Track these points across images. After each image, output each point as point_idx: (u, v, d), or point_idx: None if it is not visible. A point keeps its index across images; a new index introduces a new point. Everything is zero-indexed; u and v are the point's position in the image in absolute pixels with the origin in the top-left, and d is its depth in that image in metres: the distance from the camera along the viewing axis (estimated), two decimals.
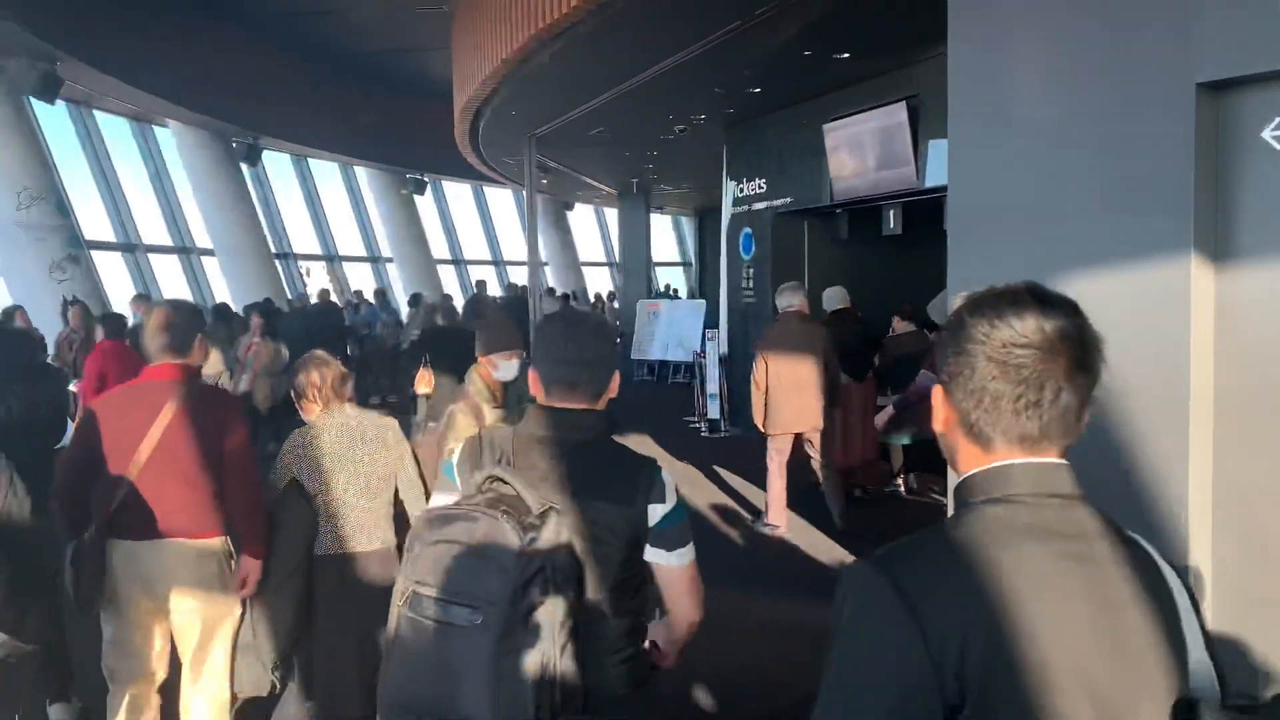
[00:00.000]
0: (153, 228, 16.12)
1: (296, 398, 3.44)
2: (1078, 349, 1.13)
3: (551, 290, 20.17)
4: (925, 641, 1.03)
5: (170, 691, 3.42)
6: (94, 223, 14.30)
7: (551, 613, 1.67)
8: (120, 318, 7.53)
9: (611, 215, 27.27)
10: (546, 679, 1.66)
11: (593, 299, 23.85)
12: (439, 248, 23.96)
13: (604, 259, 28.84)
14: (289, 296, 16.68)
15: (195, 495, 3.15)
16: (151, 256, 15.71)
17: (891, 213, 9.15)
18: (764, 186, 10.39)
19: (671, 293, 23.97)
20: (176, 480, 3.12)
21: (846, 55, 7.80)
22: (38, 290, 10.74)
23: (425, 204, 23.16)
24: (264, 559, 3.24)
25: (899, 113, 8.09)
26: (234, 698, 3.43)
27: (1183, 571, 1.21)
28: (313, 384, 3.37)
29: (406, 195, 22.02)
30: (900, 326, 7.86)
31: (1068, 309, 1.15)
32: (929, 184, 8.00)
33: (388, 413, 3.67)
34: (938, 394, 1.21)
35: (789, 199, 10.05)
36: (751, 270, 10.71)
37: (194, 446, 3.14)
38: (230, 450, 3.20)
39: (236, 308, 11.89)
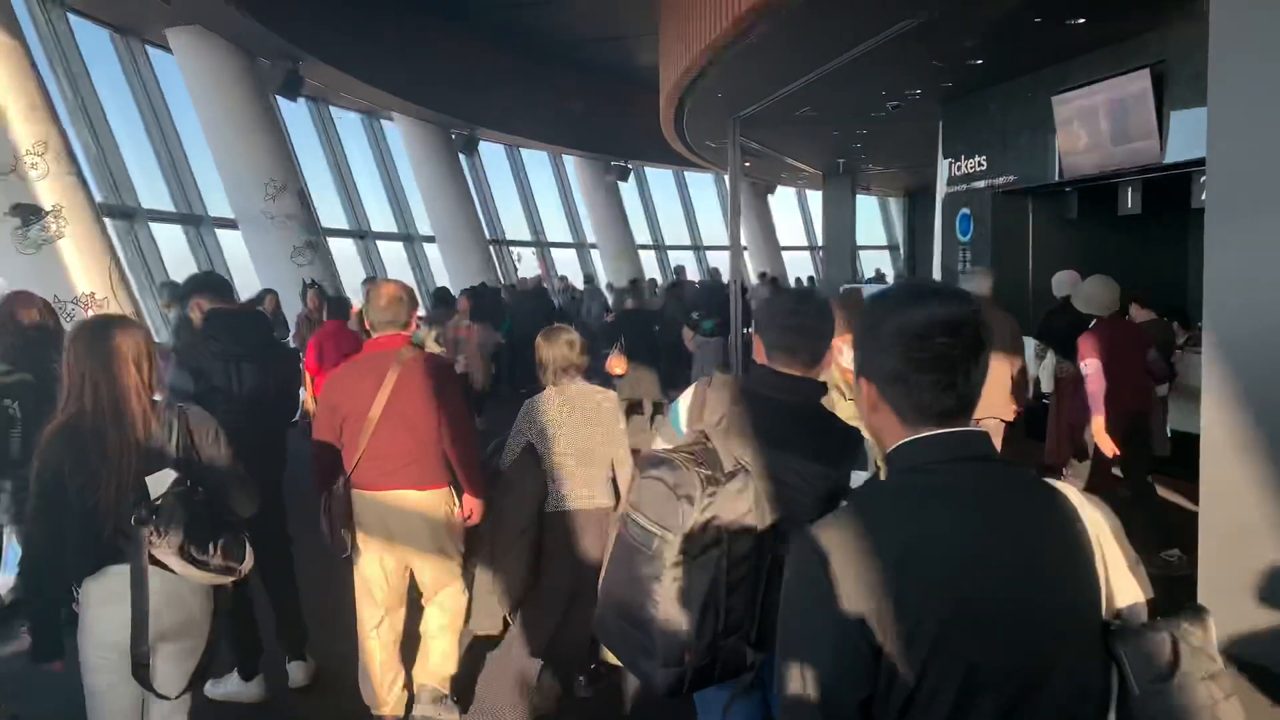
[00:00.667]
0: (379, 216, 17.27)
1: (539, 369, 3.74)
2: (978, 334, 1.28)
3: (763, 274, 20.04)
4: (840, 594, 1.18)
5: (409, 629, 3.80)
6: (329, 212, 15.47)
7: (720, 554, 1.96)
8: (343, 301, 8.32)
9: (814, 198, 26.76)
10: (710, 609, 1.95)
11: (793, 285, 23.45)
12: (641, 233, 24.33)
13: (804, 243, 28.34)
14: (502, 281, 17.38)
15: (421, 450, 3.49)
16: (379, 244, 16.80)
17: (1129, 191, 8.41)
18: (984, 164, 9.80)
19: (880, 277, 23.20)
20: (404, 437, 3.45)
21: (1082, 20, 7.19)
22: (281, 274, 11.69)
23: (628, 190, 23.57)
24: (485, 504, 3.61)
25: (1141, 81, 7.39)
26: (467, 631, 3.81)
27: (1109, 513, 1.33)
28: (551, 358, 3.66)
29: (611, 182, 22.45)
30: (1139, 315, 7.18)
31: (963, 299, 1.30)
32: (1173, 159, 7.27)
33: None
34: (863, 382, 1.36)
35: (1012, 177, 9.43)
36: (969, 253, 10.15)
37: (417, 406, 3.47)
38: (447, 409, 3.53)
39: (455, 292, 12.50)
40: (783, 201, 27.32)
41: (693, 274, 21.93)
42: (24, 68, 6.15)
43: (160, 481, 2.53)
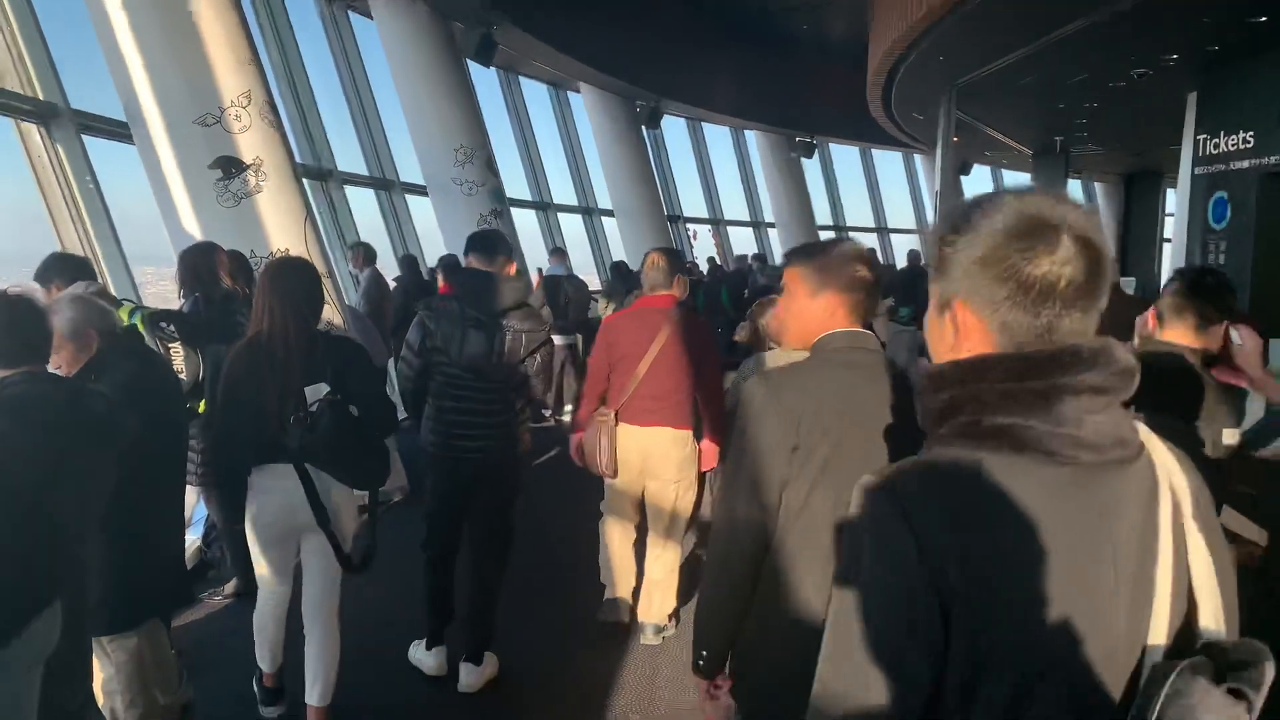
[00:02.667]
0: (560, 188, 17.11)
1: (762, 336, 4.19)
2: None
3: None
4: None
5: None
6: (512, 182, 15.39)
7: None
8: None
9: (1012, 179, 24.95)
10: None
11: None
12: (821, 213, 23.34)
13: None
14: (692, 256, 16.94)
15: (679, 396, 4.10)
16: (560, 215, 16.65)
17: None
18: (1250, 141, 8.48)
19: None
20: (666, 383, 4.06)
21: None
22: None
23: (810, 168, 22.61)
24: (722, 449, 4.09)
25: None
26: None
27: None
28: (767, 324, 4.07)
29: (794, 159, 21.57)
30: None
31: None
32: None
33: None
34: None
35: None
36: (1223, 243, 8.85)
37: (680, 357, 4.06)
38: (704, 363, 4.12)
39: (633, 266, 12.10)
40: (976, 182, 25.70)
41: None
42: (235, 22, 6.04)
43: (315, 392, 3.17)
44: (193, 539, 5.08)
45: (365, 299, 8.12)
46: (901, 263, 20.55)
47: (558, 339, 9.47)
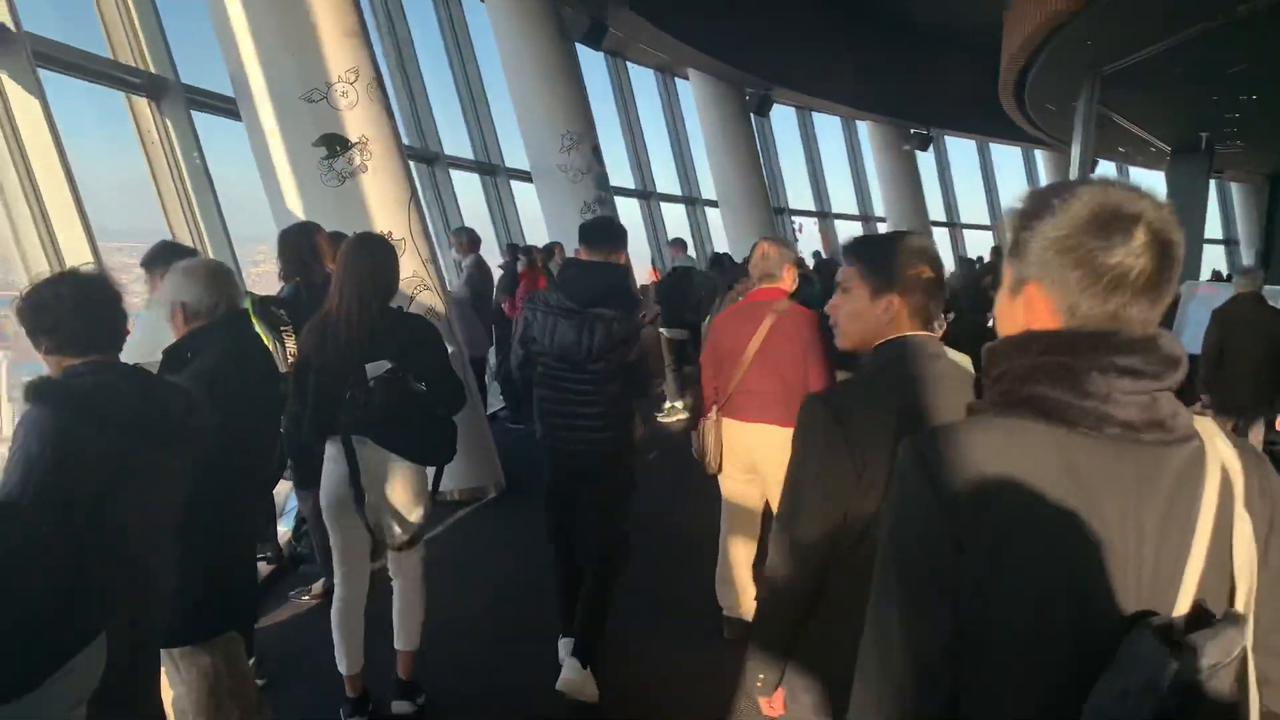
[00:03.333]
0: (664, 176, 16.72)
1: None
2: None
3: None
4: None
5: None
6: (616, 170, 15.09)
7: None
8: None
9: (1141, 178, 23.55)
10: None
11: None
12: (935, 209, 22.43)
13: None
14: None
15: (786, 392, 3.75)
16: (662, 205, 16.27)
17: None
18: None
19: (1215, 276, 19.95)
20: (771, 377, 3.83)
21: None
22: (571, 228, 11.31)
23: (924, 162, 21.72)
24: None
25: None
26: None
27: None
28: None
29: (909, 151, 20.72)
30: None
31: None
32: None
33: None
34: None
35: None
36: None
37: (786, 351, 3.83)
38: (813, 358, 3.82)
39: (737, 259, 11.67)
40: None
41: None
42: None
43: (376, 369, 3.18)
44: (283, 530, 4.88)
45: (469, 285, 7.90)
46: None
47: (667, 332, 9.11)
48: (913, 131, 20.38)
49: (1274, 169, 17.74)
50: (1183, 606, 1.09)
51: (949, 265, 19.69)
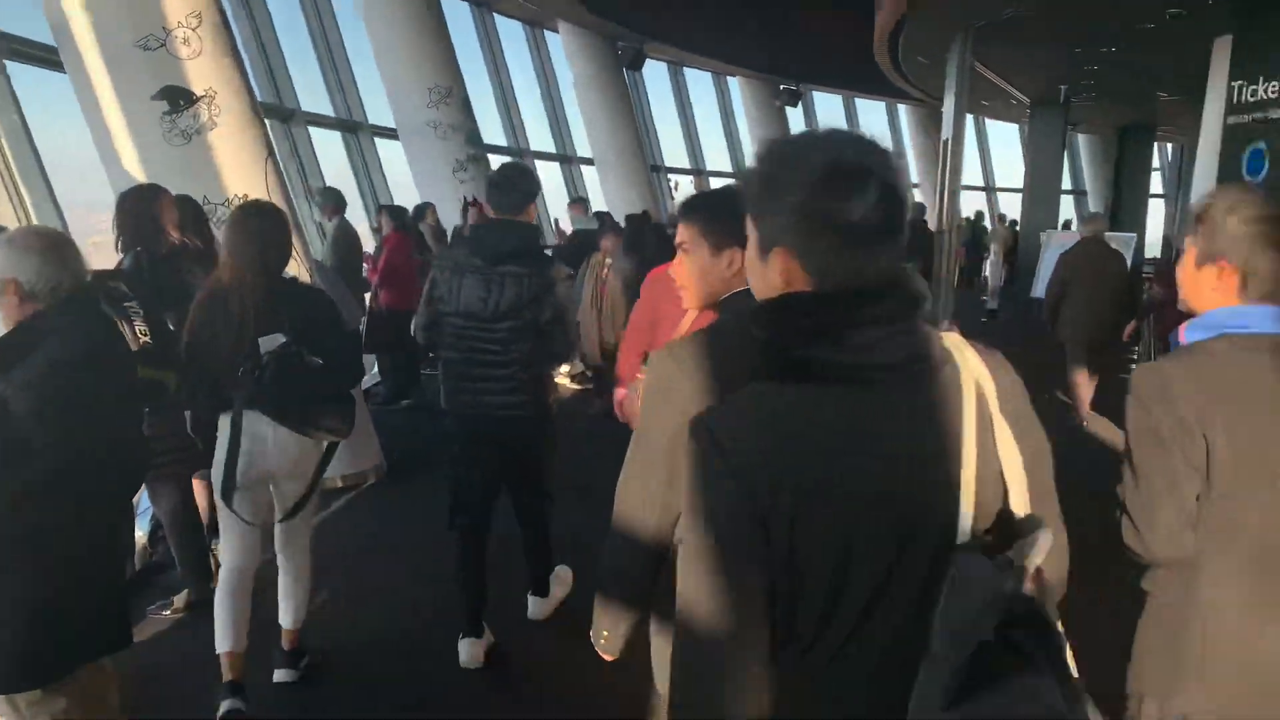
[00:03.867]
0: (537, 134, 16.20)
1: None
2: None
3: (1002, 217, 18.30)
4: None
5: None
6: (487, 128, 14.50)
7: None
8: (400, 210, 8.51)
9: (998, 131, 24.40)
10: None
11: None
12: None
13: (980, 183, 26.03)
14: (663, 209, 16.20)
15: None
16: (537, 163, 15.77)
17: None
18: None
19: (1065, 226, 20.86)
20: None
21: None
22: (442, 188, 10.76)
23: (794, 118, 21.82)
24: None
25: None
26: None
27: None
28: None
29: (779, 108, 20.76)
30: None
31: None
32: None
33: None
34: None
35: None
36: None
37: None
38: None
39: (617, 218, 11.37)
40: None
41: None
42: None
43: (270, 343, 3.08)
44: (139, 535, 4.37)
45: (333, 250, 7.33)
46: None
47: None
48: (782, 88, 20.41)
49: (1124, 122, 18.56)
50: (966, 516, 1.15)
51: None
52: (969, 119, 21.27)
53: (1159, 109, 16.35)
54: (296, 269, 5.44)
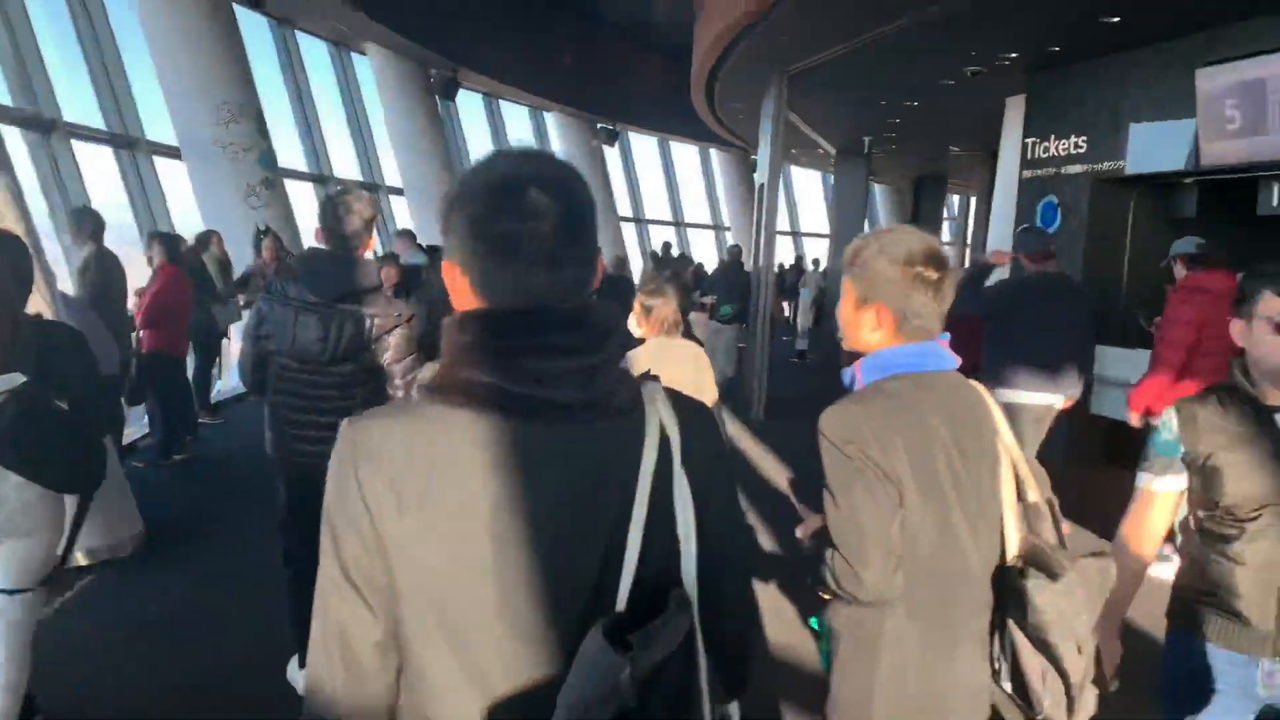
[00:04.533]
0: (343, 160, 15.30)
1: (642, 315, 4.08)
2: None
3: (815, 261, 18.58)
4: None
5: None
6: (286, 151, 13.54)
7: None
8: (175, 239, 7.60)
9: (802, 177, 25.40)
10: None
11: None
12: (622, 205, 22.64)
13: (787, 227, 26.97)
14: None
15: None
16: None
17: (1276, 187, 7.02)
18: (1084, 145, 8.34)
19: None
20: None
21: None
22: (231, 214, 9.82)
23: (610, 157, 21.84)
24: None
25: None
26: None
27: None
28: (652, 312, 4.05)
29: (596, 146, 20.71)
30: None
31: None
32: None
33: None
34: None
35: (1120, 162, 7.99)
36: (1053, 247, 8.69)
37: None
38: None
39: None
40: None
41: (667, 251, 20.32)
42: None
43: (9, 382, 2.71)
44: None
45: (81, 281, 6.35)
46: (707, 258, 20.31)
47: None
48: (600, 126, 20.39)
49: (919, 173, 19.62)
50: (628, 578, 1.09)
51: (635, 259, 19.93)
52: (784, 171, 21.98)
53: (950, 162, 17.37)
54: (36, 304, 4.60)
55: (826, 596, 1.86)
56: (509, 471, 1.06)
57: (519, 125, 20.51)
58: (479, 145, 19.39)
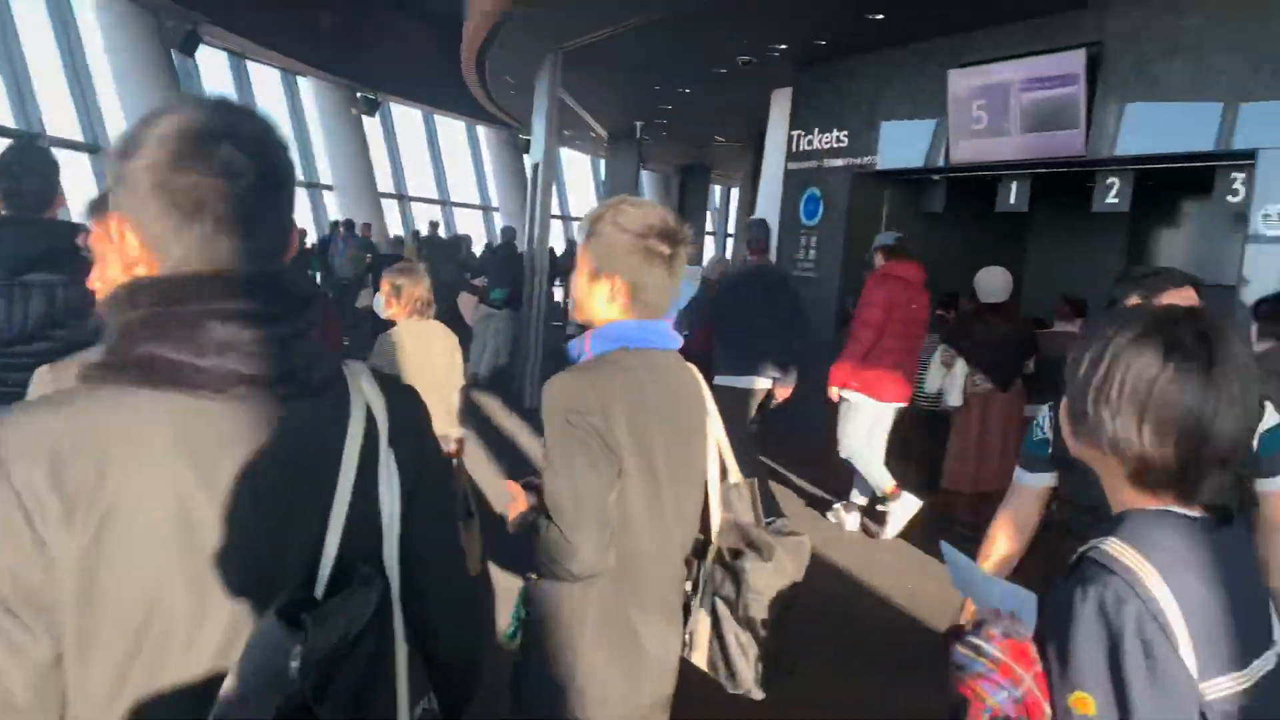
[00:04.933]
0: (60, 117, 13.48)
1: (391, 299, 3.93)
2: None
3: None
4: None
5: None
6: None
7: None
8: None
9: (572, 162, 25.33)
10: None
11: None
12: (383, 180, 21.57)
13: (558, 211, 26.82)
14: None
15: None
16: (62, 152, 13.07)
17: (1013, 185, 7.59)
18: (845, 140, 8.68)
19: None
20: None
21: None
22: None
23: (372, 130, 20.72)
24: None
25: (1073, 63, 6.48)
26: None
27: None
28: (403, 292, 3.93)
29: (356, 116, 19.55)
30: (1064, 324, 6.33)
31: None
32: (1116, 153, 6.44)
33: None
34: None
35: (874, 158, 8.38)
36: (814, 239, 9.03)
37: None
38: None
39: None
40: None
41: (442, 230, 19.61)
42: None
43: None
44: None
45: None
46: (475, 238, 19.71)
47: None
48: (360, 95, 19.27)
49: (685, 162, 20.03)
50: (328, 564, 1.02)
51: (392, 234, 19.06)
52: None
53: (715, 151, 17.84)
54: None
55: (534, 576, 1.85)
56: (195, 455, 0.97)
57: (270, 89, 19.04)
58: None
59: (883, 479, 5.95)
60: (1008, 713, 1.10)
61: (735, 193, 23.79)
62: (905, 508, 5.94)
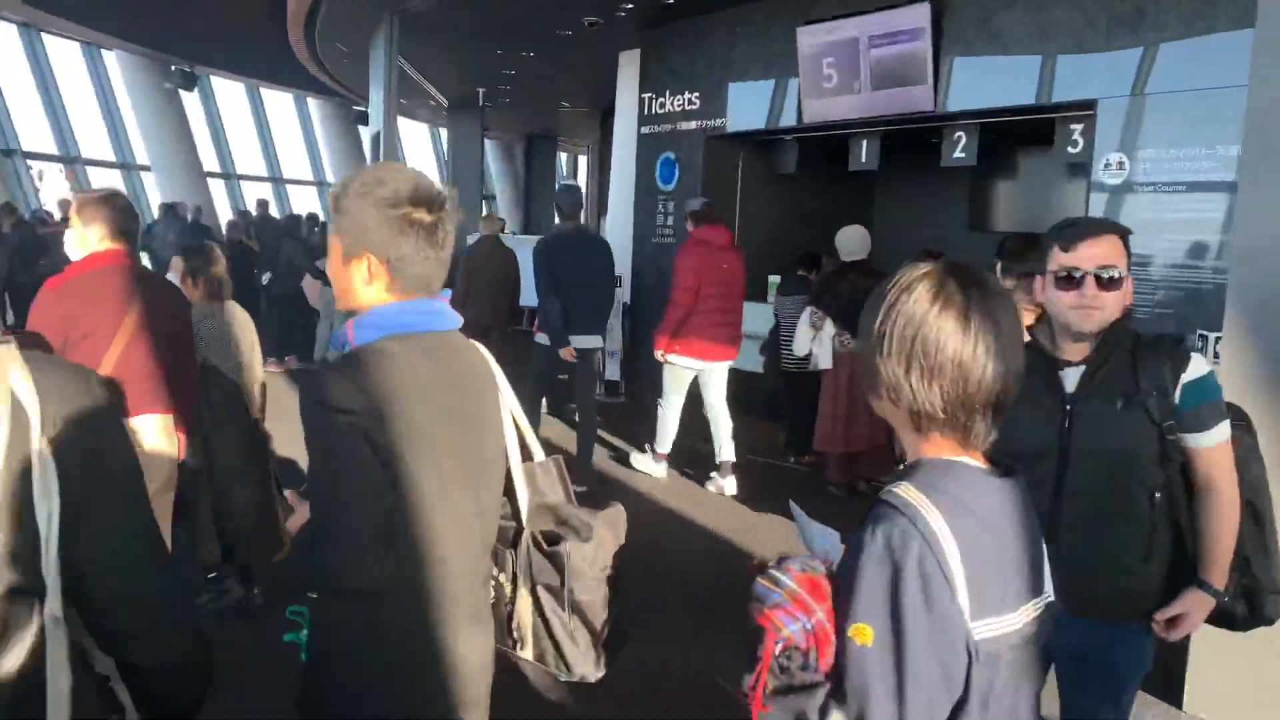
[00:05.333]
0: None
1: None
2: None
3: None
4: None
5: None
6: None
7: None
8: None
9: (410, 131, 24.40)
10: None
11: None
12: (207, 158, 20.17)
13: None
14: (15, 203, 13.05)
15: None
16: None
17: (864, 143, 7.65)
18: (696, 102, 8.56)
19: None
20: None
21: None
22: None
23: (192, 106, 19.30)
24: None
25: (918, 17, 6.53)
26: None
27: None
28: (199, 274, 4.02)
29: (172, 90, 18.12)
30: None
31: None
32: (963, 107, 6.53)
33: None
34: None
35: (726, 119, 8.30)
36: (671, 204, 8.90)
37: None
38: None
39: None
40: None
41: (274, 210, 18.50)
42: None
43: None
44: None
45: None
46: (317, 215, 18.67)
47: None
48: (174, 68, 17.86)
49: (531, 130, 19.56)
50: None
51: (223, 215, 17.92)
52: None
53: (561, 118, 17.48)
54: None
55: (312, 595, 1.67)
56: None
57: (71, 64, 17.40)
58: (24, 87, 16.20)
59: (663, 441, 6.40)
60: (799, 643, 1.18)
61: (584, 160, 23.49)
62: (650, 467, 6.52)
